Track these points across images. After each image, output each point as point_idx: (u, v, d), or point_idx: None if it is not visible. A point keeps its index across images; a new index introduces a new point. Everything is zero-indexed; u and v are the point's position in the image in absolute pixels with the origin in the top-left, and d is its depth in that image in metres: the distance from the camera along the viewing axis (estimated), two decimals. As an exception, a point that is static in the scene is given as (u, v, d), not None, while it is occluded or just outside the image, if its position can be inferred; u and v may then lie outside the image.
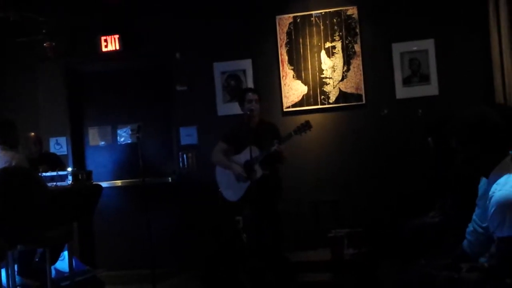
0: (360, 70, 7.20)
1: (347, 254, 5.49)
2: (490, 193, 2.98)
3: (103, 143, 8.13)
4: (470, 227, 3.36)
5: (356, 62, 7.22)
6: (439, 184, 5.47)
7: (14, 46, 7.96)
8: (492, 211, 2.93)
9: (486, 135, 3.06)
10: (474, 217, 3.34)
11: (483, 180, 3.29)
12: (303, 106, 7.33)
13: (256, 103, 6.28)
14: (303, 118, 6.91)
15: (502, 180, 2.96)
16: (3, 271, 5.50)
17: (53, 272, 6.44)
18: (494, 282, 2.92)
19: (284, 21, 7.40)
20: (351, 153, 7.21)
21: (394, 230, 5.95)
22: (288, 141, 6.16)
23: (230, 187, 6.30)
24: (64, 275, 6.60)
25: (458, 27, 7.02)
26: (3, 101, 8.10)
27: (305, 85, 7.33)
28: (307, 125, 6.15)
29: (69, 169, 6.76)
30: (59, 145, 8.00)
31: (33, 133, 7.33)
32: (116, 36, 7.75)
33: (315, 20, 7.34)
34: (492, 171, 3.07)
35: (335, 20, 7.28)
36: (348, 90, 7.23)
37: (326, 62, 7.29)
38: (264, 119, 6.46)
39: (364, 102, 7.19)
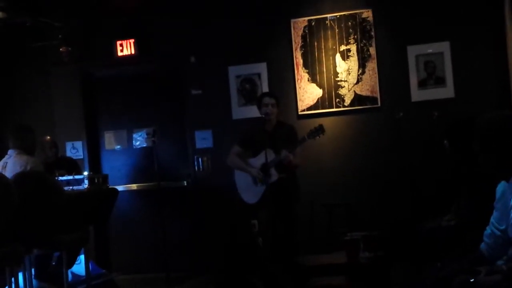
0: (375, 73, 7.18)
1: (362, 257, 5.45)
2: None
3: (118, 147, 8.16)
4: (488, 230, 3.34)
5: (371, 65, 7.20)
6: (455, 187, 5.44)
7: (30, 51, 8.02)
8: None
9: (508, 139, 3.06)
10: (492, 219, 3.32)
11: (501, 183, 3.27)
12: (318, 109, 7.32)
13: (272, 107, 6.27)
14: (318, 121, 6.90)
15: None
16: (20, 275, 5.52)
17: (70, 275, 6.47)
18: (511, 284, 2.90)
19: (299, 24, 7.40)
20: (366, 156, 7.19)
21: (409, 233, 5.92)
22: (302, 145, 6.14)
23: (248, 190, 6.30)
24: (81, 279, 6.62)
25: (473, 29, 6.98)
26: (19, 105, 8.16)
27: (320, 88, 7.32)
28: (320, 129, 6.11)
29: (85, 173, 6.80)
30: (75, 149, 8.04)
31: (48, 137, 7.38)
32: (132, 41, 7.79)
33: (330, 23, 7.33)
34: None
35: (350, 23, 7.26)
36: (363, 93, 7.22)
37: (341, 65, 7.28)
38: (281, 121, 6.45)
39: (379, 105, 7.18)
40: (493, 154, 3.12)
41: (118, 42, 7.81)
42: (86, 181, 6.37)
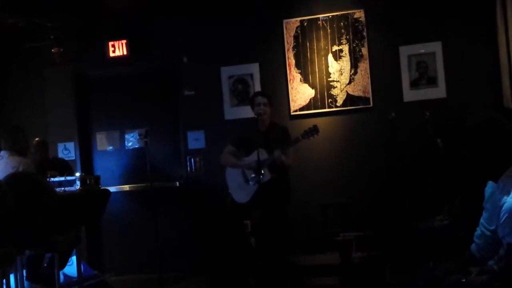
0: (368, 73, 7.20)
1: (355, 257, 5.46)
2: (502, 200, 2.98)
3: (111, 148, 8.14)
4: (478, 231, 3.35)
5: (364, 65, 7.21)
6: (447, 187, 5.45)
7: (22, 52, 8.00)
8: (503, 219, 2.95)
9: (494, 140, 3.07)
10: (481, 220, 3.33)
11: (490, 183, 3.28)
12: (310, 109, 7.32)
13: (265, 106, 6.26)
14: (310, 121, 6.92)
15: None
16: (12, 276, 5.51)
17: (62, 277, 6.45)
18: (502, 284, 2.91)
19: (291, 25, 7.41)
20: (359, 156, 7.20)
21: (402, 233, 5.93)
22: (296, 145, 6.14)
23: (239, 190, 6.29)
24: (73, 280, 6.60)
25: (465, 30, 7.01)
26: (11, 107, 8.15)
27: (313, 88, 7.33)
28: (314, 130, 6.12)
29: (77, 174, 6.78)
30: (67, 150, 8.02)
31: (37, 138, 7.36)
32: (124, 41, 7.78)
33: (322, 23, 7.34)
34: (502, 177, 3.08)
35: (342, 24, 7.27)
36: (356, 93, 7.23)
37: (334, 66, 7.29)
38: (275, 122, 6.44)
39: (371, 105, 7.19)
40: (479, 155, 3.13)
41: (110, 43, 7.80)
42: (78, 182, 6.36)
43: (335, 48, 7.30)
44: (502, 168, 3.09)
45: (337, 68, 7.28)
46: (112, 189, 7.17)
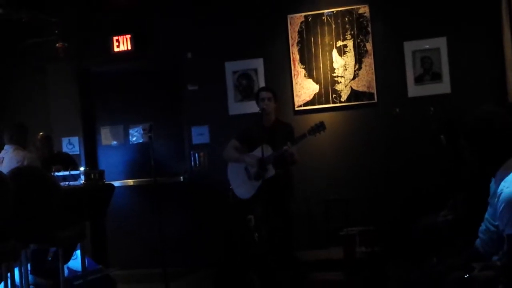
0: (372, 69, 7.19)
1: (359, 252, 5.47)
2: (499, 191, 3.00)
3: (115, 142, 8.15)
4: (482, 226, 3.35)
5: (368, 61, 7.20)
6: (451, 183, 5.44)
7: (27, 47, 8.00)
8: (501, 208, 2.95)
9: (493, 134, 3.08)
10: (486, 215, 3.33)
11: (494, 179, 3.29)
12: (314, 105, 7.32)
13: (269, 101, 6.25)
14: (314, 117, 6.91)
15: (510, 177, 2.98)
16: (17, 270, 5.52)
17: (66, 271, 6.45)
18: (506, 280, 2.91)
19: (296, 20, 7.40)
20: (363, 152, 7.20)
21: (405, 229, 5.93)
22: (302, 141, 6.12)
23: (242, 185, 6.28)
24: (77, 274, 6.61)
25: (470, 25, 6.99)
26: (16, 101, 8.15)
27: (317, 84, 7.33)
28: (321, 126, 6.09)
29: (82, 168, 6.79)
30: (71, 145, 8.03)
31: (42, 133, 7.37)
32: (128, 36, 7.77)
33: (327, 19, 7.33)
34: (499, 170, 3.09)
35: (346, 19, 7.26)
36: (360, 89, 7.22)
37: (338, 61, 7.28)
38: (280, 119, 6.44)
39: (376, 100, 7.18)
40: (478, 149, 3.15)
41: (115, 38, 7.79)
42: (82, 177, 6.37)
43: (339, 43, 7.29)
44: (499, 162, 3.11)
45: (342, 64, 7.27)
46: (116, 183, 7.18)
